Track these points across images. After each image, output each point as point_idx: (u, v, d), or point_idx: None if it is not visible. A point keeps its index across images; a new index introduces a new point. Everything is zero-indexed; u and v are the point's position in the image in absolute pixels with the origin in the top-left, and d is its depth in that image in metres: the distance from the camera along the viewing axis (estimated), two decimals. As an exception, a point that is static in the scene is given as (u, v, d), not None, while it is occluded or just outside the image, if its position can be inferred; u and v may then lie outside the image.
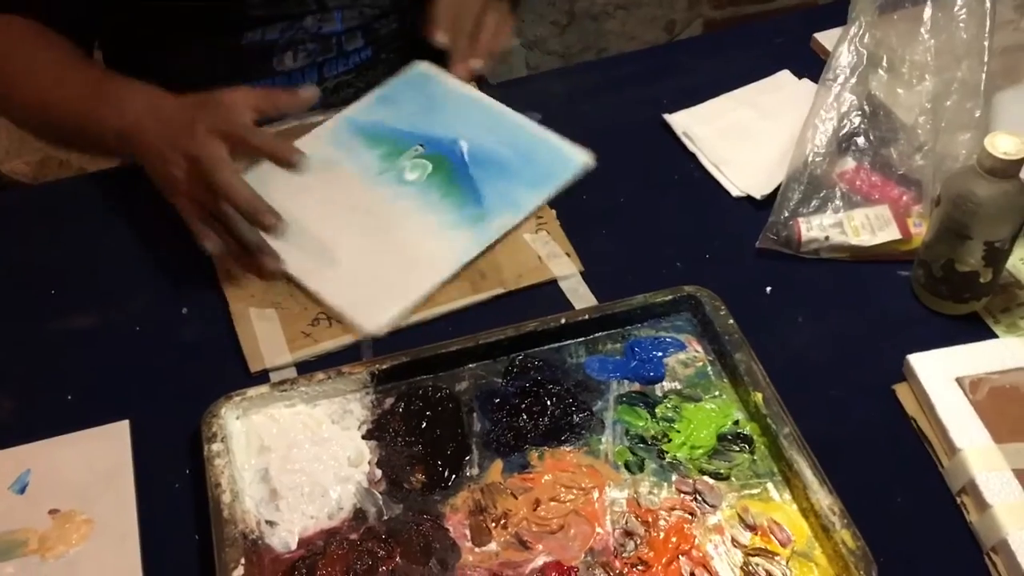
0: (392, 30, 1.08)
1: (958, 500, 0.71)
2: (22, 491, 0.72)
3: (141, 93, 0.87)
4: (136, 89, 0.88)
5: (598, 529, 0.70)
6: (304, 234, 0.86)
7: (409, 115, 0.98)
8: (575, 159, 0.94)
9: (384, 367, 0.77)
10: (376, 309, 0.82)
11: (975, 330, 0.82)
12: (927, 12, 0.90)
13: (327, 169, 0.91)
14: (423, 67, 1.02)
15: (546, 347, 0.80)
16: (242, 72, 1.02)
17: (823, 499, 0.68)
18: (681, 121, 1.00)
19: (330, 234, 0.87)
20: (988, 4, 0.87)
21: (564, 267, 0.87)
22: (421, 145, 0.95)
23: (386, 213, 0.90)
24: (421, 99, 1.00)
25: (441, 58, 1.02)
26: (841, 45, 0.92)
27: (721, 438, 0.74)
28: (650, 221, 0.92)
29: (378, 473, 0.73)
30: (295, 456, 0.73)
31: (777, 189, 0.90)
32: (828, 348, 0.82)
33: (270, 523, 0.70)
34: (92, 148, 0.93)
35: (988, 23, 0.86)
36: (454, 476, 0.73)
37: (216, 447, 0.72)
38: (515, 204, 0.91)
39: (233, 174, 0.80)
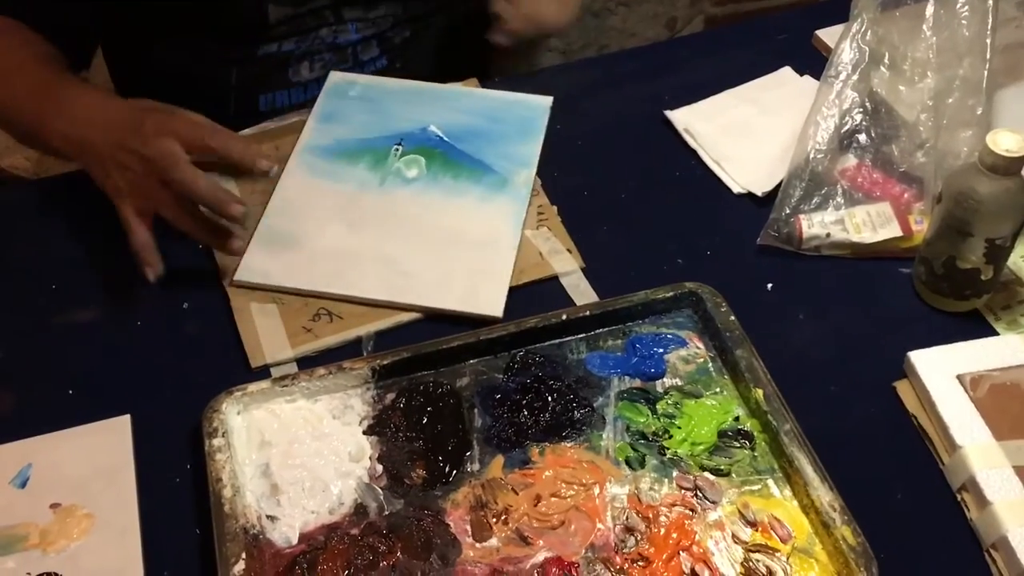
0: (405, 38, 1.08)
1: (958, 497, 0.71)
2: (23, 485, 0.72)
3: (88, 96, 0.85)
4: (83, 92, 0.86)
5: (599, 525, 0.70)
6: (361, 258, 0.85)
7: (363, 123, 0.98)
8: (540, 103, 1.00)
9: (385, 363, 0.77)
10: (487, 296, 0.83)
11: (976, 327, 0.82)
12: (929, 9, 0.90)
13: (329, 196, 0.91)
14: (339, 76, 1.03)
15: (547, 343, 0.80)
16: (257, 82, 1.02)
17: (824, 496, 0.68)
18: (682, 118, 1.00)
19: (384, 250, 0.86)
20: (990, 1, 0.87)
21: (565, 263, 0.87)
22: (399, 144, 0.96)
23: (418, 213, 0.90)
24: (362, 105, 1.00)
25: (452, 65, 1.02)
26: (843, 42, 0.92)
27: (722, 434, 0.74)
28: (651, 217, 0.92)
29: (379, 468, 0.73)
30: (296, 451, 0.73)
31: (778, 186, 0.90)
32: (829, 345, 0.82)
33: (271, 518, 0.70)
34: (44, 150, 0.90)
35: (990, 20, 0.86)
36: (455, 472, 0.73)
37: (217, 442, 0.72)
38: (522, 159, 0.94)
39: (190, 167, 0.78)
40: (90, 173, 0.84)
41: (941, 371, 0.75)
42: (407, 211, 0.90)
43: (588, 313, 0.81)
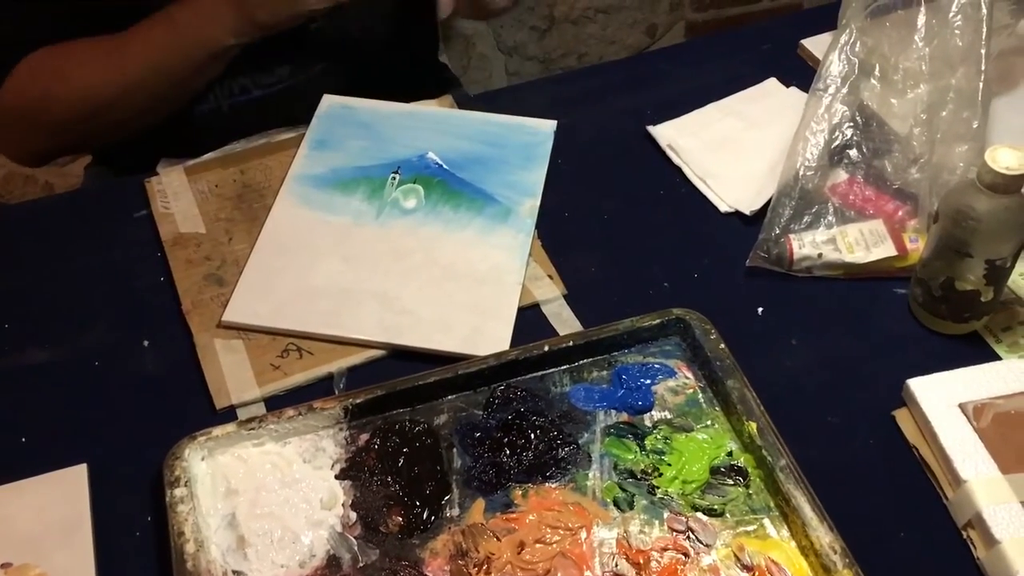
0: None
1: (964, 535, 0.68)
2: (-29, 543, 0.68)
3: None
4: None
5: (586, 573, 0.66)
6: (358, 297, 0.81)
7: (358, 150, 0.93)
8: (543, 129, 0.97)
9: (358, 401, 0.73)
10: (491, 336, 0.78)
11: (975, 350, 0.78)
12: (920, 18, 0.87)
13: (323, 229, 0.87)
14: (335, 100, 0.99)
15: (529, 376, 0.76)
16: None
17: (823, 536, 0.65)
18: (665, 133, 0.96)
19: (382, 287, 0.82)
20: (984, 9, 0.83)
21: (546, 290, 0.83)
22: (396, 172, 0.91)
23: (417, 247, 0.85)
24: (357, 130, 0.96)
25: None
26: (832, 53, 0.88)
27: (714, 471, 0.71)
28: (635, 240, 0.88)
29: (353, 516, 0.69)
30: (264, 499, 0.69)
31: (767, 204, 0.86)
32: (824, 372, 0.78)
33: (237, 574, 0.66)
34: (203, 75, 0.93)
35: (984, 29, 0.83)
36: (433, 517, 0.69)
37: (179, 492, 0.68)
38: (525, 188, 0.91)
39: None
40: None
41: (942, 400, 0.72)
42: (405, 245, 0.86)
43: (571, 343, 0.77)
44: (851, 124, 0.87)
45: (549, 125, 0.96)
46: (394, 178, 0.91)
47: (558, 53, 1.88)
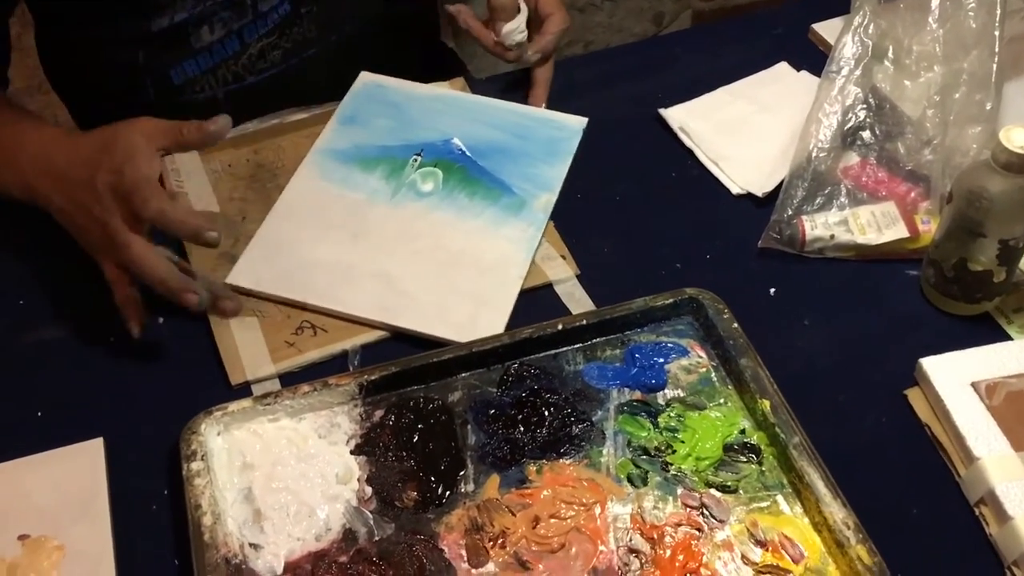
0: None
1: (976, 511, 0.68)
2: (-11, 516, 0.68)
3: (32, 143, 0.79)
4: (28, 138, 0.80)
5: (601, 547, 0.66)
6: (359, 273, 0.81)
7: (385, 129, 0.94)
8: (572, 124, 0.95)
9: (373, 378, 0.73)
10: (485, 326, 0.78)
11: (987, 331, 0.79)
12: (934, 1, 0.87)
13: (337, 203, 0.87)
14: (369, 77, 0.99)
15: (542, 354, 0.76)
16: (164, 57, 0.97)
17: (836, 512, 0.65)
18: (677, 116, 0.96)
19: (384, 266, 0.82)
20: (999, -8, 0.84)
21: (559, 270, 0.83)
22: (418, 154, 0.91)
23: (427, 231, 0.85)
24: (386, 109, 0.96)
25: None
26: (845, 36, 0.88)
27: (727, 448, 0.71)
28: (648, 221, 0.89)
29: (368, 491, 0.69)
30: (280, 474, 0.69)
31: (779, 186, 0.86)
32: (836, 351, 0.78)
33: (254, 546, 0.66)
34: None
35: (999, 11, 0.83)
36: (448, 492, 0.69)
37: (196, 466, 0.68)
38: (544, 182, 0.90)
39: (143, 248, 0.74)
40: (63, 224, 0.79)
41: (955, 378, 0.72)
42: (414, 227, 0.86)
43: (584, 322, 0.77)
44: (864, 106, 0.87)
45: (579, 121, 0.95)
46: (415, 160, 0.91)
47: (564, 41, 1.87)
